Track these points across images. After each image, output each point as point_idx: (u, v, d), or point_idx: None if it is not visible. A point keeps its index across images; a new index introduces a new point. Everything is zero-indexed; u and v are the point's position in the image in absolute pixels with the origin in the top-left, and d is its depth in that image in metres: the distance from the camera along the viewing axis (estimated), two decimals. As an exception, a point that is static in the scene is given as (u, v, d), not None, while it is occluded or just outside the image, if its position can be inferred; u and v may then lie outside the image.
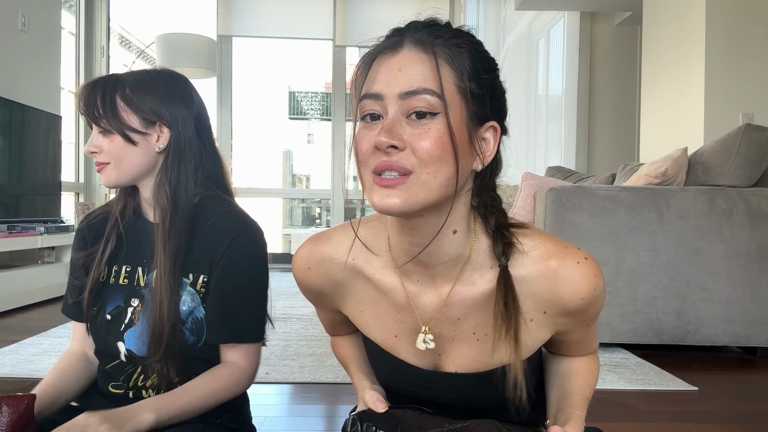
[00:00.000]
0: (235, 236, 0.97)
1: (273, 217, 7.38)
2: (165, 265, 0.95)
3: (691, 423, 1.65)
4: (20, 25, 3.78)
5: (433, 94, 0.59)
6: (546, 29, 5.42)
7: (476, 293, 0.69)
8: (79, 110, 0.99)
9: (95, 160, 0.99)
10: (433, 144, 0.58)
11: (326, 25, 5.37)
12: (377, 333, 0.75)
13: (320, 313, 0.89)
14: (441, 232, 0.64)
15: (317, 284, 0.77)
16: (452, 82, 0.60)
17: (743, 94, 3.23)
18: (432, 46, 0.61)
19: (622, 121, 5.16)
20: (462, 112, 0.61)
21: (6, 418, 0.82)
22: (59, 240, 3.57)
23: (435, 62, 0.59)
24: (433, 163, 0.59)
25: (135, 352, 0.99)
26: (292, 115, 8.98)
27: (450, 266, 0.68)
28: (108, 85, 0.98)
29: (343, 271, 0.74)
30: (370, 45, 0.65)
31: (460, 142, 0.60)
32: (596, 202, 2.37)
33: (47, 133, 3.84)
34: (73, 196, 5.10)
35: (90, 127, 1.01)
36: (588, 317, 0.73)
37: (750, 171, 2.44)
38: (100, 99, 0.96)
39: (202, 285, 0.99)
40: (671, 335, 2.39)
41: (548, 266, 0.67)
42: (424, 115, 0.59)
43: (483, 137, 0.64)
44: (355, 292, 0.75)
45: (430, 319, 0.71)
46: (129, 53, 9.40)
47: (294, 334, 2.67)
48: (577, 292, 0.68)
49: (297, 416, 1.69)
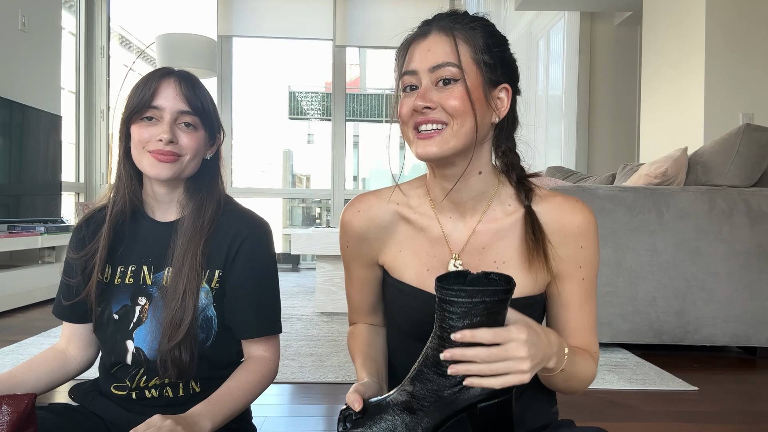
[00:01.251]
0: (249, 233, 1.02)
1: (273, 217, 7.38)
2: (191, 262, 0.98)
3: (691, 423, 1.65)
4: (20, 25, 3.78)
5: (453, 65, 0.77)
6: (546, 29, 5.42)
7: (499, 225, 0.85)
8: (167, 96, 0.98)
9: (164, 148, 0.96)
10: (457, 101, 0.77)
11: (326, 25, 5.37)
12: (412, 269, 0.87)
13: (352, 280, 0.97)
14: (468, 172, 0.82)
15: (363, 227, 0.90)
16: (469, 56, 0.78)
17: (743, 94, 3.23)
18: (452, 30, 0.79)
19: (622, 121, 5.16)
20: (478, 78, 0.78)
21: (6, 418, 0.82)
22: (59, 240, 3.58)
23: (454, 42, 0.78)
24: (459, 115, 0.77)
25: (144, 349, 1.00)
26: (292, 115, 8.98)
27: (477, 201, 0.85)
28: (200, 86, 1.02)
29: (388, 215, 0.90)
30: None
31: (478, 100, 0.78)
32: (596, 202, 2.37)
33: (47, 133, 3.84)
34: (73, 196, 5.10)
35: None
36: (583, 259, 0.84)
37: (750, 171, 2.44)
38: (201, 94, 1.00)
39: (217, 281, 1.01)
40: (671, 335, 2.39)
41: (555, 201, 0.85)
42: (449, 81, 0.77)
43: (498, 96, 0.81)
44: (395, 234, 0.89)
45: (459, 250, 0.86)
46: (129, 53, 9.40)
47: (294, 334, 2.67)
48: (575, 218, 0.84)
49: (297, 416, 1.69)
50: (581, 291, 0.85)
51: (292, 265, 5.53)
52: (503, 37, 0.83)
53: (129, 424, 0.89)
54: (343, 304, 3.26)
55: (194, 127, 0.99)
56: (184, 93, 0.98)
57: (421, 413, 0.67)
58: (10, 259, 3.60)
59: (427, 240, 0.87)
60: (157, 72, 1.00)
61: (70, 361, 1.08)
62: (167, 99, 0.97)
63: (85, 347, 1.10)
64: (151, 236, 1.03)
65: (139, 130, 0.98)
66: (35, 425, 0.86)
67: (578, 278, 0.85)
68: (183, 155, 0.98)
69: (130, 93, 1.00)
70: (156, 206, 1.05)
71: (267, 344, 1.06)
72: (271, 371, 1.04)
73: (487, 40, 0.79)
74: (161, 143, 0.96)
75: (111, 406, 1.03)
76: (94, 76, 5.24)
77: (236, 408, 0.97)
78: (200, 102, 1.00)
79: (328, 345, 2.48)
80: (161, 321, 0.98)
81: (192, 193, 1.03)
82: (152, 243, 1.03)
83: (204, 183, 1.04)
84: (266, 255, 1.04)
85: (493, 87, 0.80)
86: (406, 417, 0.67)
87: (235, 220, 1.04)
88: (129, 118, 0.99)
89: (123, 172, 1.02)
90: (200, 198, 1.02)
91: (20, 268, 3.32)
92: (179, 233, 1.00)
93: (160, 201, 1.04)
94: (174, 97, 0.97)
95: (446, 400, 0.67)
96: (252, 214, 1.07)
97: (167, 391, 1.02)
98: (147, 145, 0.97)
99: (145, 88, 0.98)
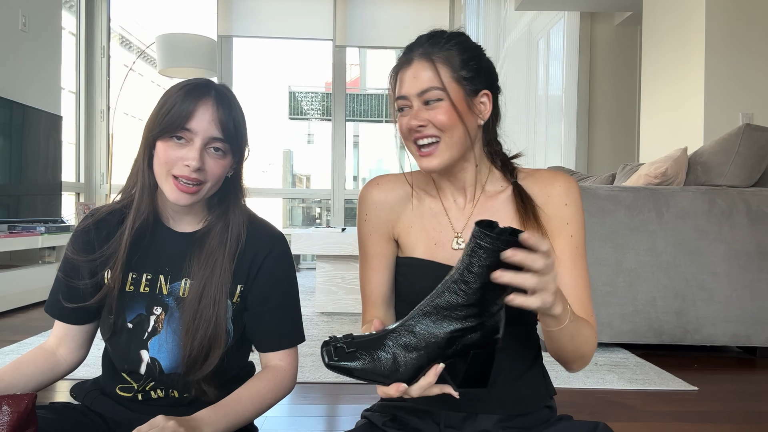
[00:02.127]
0: (272, 248, 1.04)
1: (273, 217, 7.38)
2: (223, 277, 0.98)
3: (691, 423, 1.66)
4: (21, 25, 3.78)
5: (437, 88, 0.89)
6: (546, 29, 5.42)
7: (495, 202, 0.97)
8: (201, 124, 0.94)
9: (191, 175, 0.93)
10: (444, 116, 0.88)
11: (326, 25, 5.37)
12: (422, 243, 0.98)
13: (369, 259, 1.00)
14: (464, 167, 0.95)
15: (382, 198, 1.01)
16: (449, 76, 0.89)
17: (743, 94, 3.23)
18: (431, 55, 0.90)
19: (622, 121, 5.16)
20: (459, 93, 0.90)
21: (6, 418, 0.82)
22: (60, 240, 3.58)
23: (434, 67, 0.89)
24: (448, 128, 0.89)
25: (159, 360, 0.99)
26: (293, 115, 8.97)
27: (476, 186, 0.97)
28: (236, 107, 0.98)
29: (402, 192, 1.01)
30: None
31: (463, 111, 0.89)
32: (596, 202, 2.37)
33: (48, 133, 3.84)
34: (73, 196, 5.10)
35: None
36: (570, 216, 0.93)
37: (750, 171, 2.44)
38: (236, 116, 0.97)
39: (238, 296, 1.01)
40: (671, 335, 2.39)
41: (538, 173, 0.98)
42: (435, 101, 0.89)
43: (480, 102, 0.92)
44: (407, 210, 1.00)
45: (462, 227, 0.97)
46: (129, 53, 9.40)
47: (294, 334, 2.67)
48: (556, 181, 0.95)
49: (297, 416, 1.69)
50: (571, 248, 0.93)
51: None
52: (477, 47, 0.94)
53: (131, 423, 0.88)
54: (343, 304, 3.26)
55: (223, 152, 0.96)
56: (220, 118, 0.94)
57: (418, 352, 0.70)
58: (10, 259, 3.60)
59: (434, 218, 0.98)
60: (195, 89, 0.95)
61: (60, 363, 1.05)
62: (201, 123, 0.93)
63: (78, 349, 1.06)
64: (168, 245, 1.01)
65: (166, 149, 0.94)
66: (35, 425, 0.86)
67: (567, 235, 0.93)
68: (206, 182, 0.95)
69: (163, 105, 0.95)
70: (173, 216, 1.03)
71: (286, 355, 1.05)
72: (285, 382, 1.03)
73: (463, 56, 0.91)
74: (188, 169, 0.92)
75: (113, 406, 1.03)
76: (95, 76, 5.24)
77: (243, 416, 0.96)
78: (233, 125, 0.96)
79: (328, 345, 2.48)
80: (178, 333, 0.97)
81: (212, 206, 1.02)
82: (169, 252, 1.01)
83: (227, 196, 1.02)
84: (288, 268, 1.06)
85: (474, 95, 0.91)
86: (401, 354, 0.70)
87: (257, 235, 1.03)
88: (158, 134, 0.94)
89: (147, 181, 0.98)
90: (223, 211, 1.01)
91: (20, 268, 3.32)
92: (203, 245, 0.99)
93: (177, 212, 1.02)
94: (209, 121, 0.93)
95: (447, 341, 0.70)
96: (271, 228, 1.07)
97: (173, 392, 1.02)
98: (173, 168, 0.93)
99: (182, 107, 0.93)
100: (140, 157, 0.99)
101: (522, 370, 0.94)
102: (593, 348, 0.89)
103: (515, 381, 0.92)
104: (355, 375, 0.71)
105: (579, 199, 0.95)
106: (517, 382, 0.93)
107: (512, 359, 0.92)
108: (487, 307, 0.70)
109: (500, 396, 0.91)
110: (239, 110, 0.99)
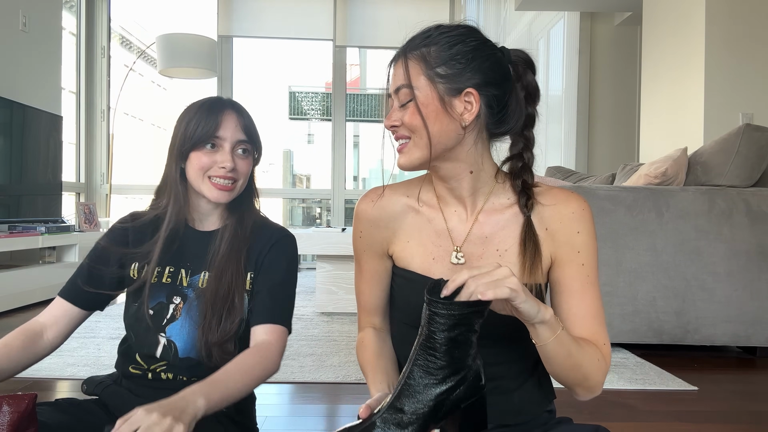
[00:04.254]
0: (279, 238, 1.14)
1: (273, 217, 7.37)
2: (236, 267, 1.09)
3: (691, 423, 1.66)
4: (21, 25, 3.78)
5: (405, 86, 0.86)
6: (546, 29, 5.42)
7: (499, 217, 0.91)
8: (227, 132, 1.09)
9: (227, 174, 1.08)
10: (410, 117, 0.85)
11: (326, 25, 5.37)
12: (419, 258, 0.94)
13: (363, 273, 1.01)
14: (458, 173, 0.90)
15: (376, 216, 0.97)
16: (422, 73, 0.85)
17: (743, 94, 3.23)
18: (405, 53, 0.87)
19: (622, 121, 5.16)
20: (432, 93, 0.84)
21: (6, 418, 0.82)
22: (60, 240, 3.58)
23: (406, 65, 0.86)
24: (416, 130, 0.86)
25: (175, 342, 1.08)
26: (293, 115, 8.96)
27: (475, 196, 0.92)
28: (249, 115, 1.15)
29: (399, 206, 0.97)
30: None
31: (432, 113, 0.84)
32: (596, 202, 2.37)
33: (48, 133, 3.85)
34: (74, 197, 5.10)
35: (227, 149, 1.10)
36: (581, 244, 0.88)
37: (750, 171, 2.44)
38: (252, 123, 1.14)
39: (250, 282, 1.11)
40: (671, 335, 2.39)
41: (551, 193, 0.91)
42: (407, 100, 0.86)
43: (466, 101, 0.85)
44: (404, 225, 0.96)
45: (462, 241, 0.92)
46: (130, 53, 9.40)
47: (294, 334, 2.67)
48: (569, 205, 0.90)
49: (297, 416, 1.69)
50: (581, 277, 0.88)
51: (293, 265, 5.53)
52: (467, 42, 0.85)
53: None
54: (343, 304, 3.26)
55: (248, 152, 1.12)
56: (243, 123, 1.11)
57: (411, 427, 0.72)
58: (10, 259, 3.60)
59: (433, 231, 0.94)
60: (215, 104, 1.10)
61: (44, 345, 1.07)
62: (228, 129, 1.09)
63: (64, 335, 1.10)
64: (191, 243, 1.13)
65: (200, 156, 1.08)
66: (36, 425, 0.86)
67: (577, 263, 0.88)
68: (238, 180, 1.11)
69: (189, 123, 1.09)
70: (197, 217, 1.16)
71: (272, 332, 1.07)
72: (272, 355, 1.05)
73: (448, 51, 0.84)
74: (224, 170, 1.08)
75: (122, 395, 1.06)
76: (95, 76, 5.24)
77: (234, 388, 0.95)
78: (253, 128, 1.14)
79: (328, 345, 2.48)
80: (195, 320, 1.07)
81: (233, 207, 1.15)
82: (191, 249, 1.13)
83: (242, 197, 1.15)
84: (291, 258, 1.15)
85: (455, 94, 0.84)
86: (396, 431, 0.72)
87: (267, 230, 1.16)
88: (192, 146, 1.08)
89: (180, 190, 1.12)
90: (241, 210, 1.15)
91: (20, 268, 3.32)
92: (222, 241, 1.11)
93: (203, 213, 1.15)
94: (234, 128, 1.10)
95: (434, 407, 0.72)
96: (282, 228, 1.19)
97: (181, 377, 1.07)
98: (209, 171, 1.08)
99: (209, 120, 1.08)
100: (171, 170, 1.12)
101: (520, 381, 0.92)
102: (598, 372, 0.84)
103: (513, 392, 0.91)
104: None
105: (591, 225, 0.90)
106: (515, 393, 0.91)
107: (510, 372, 0.91)
108: (462, 362, 0.72)
109: (499, 407, 0.90)
110: (252, 118, 1.16)
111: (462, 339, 0.71)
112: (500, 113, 0.87)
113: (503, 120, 0.88)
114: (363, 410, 0.77)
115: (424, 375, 0.72)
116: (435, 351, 0.71)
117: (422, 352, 0.72)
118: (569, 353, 0.80)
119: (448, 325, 0.70)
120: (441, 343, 0.70)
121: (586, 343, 0.84)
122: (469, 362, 0.73)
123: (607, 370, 0.87)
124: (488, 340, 0.87)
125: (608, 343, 0.88)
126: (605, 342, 0.87)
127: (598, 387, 0.86)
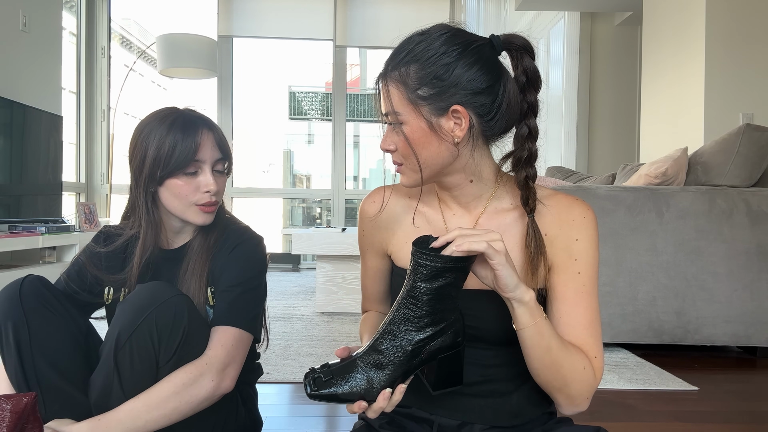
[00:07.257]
0: (241, 242, 1.10)
1: (274, 217, 7.38)
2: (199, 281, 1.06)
3: (691, 423, 1.66)
4: (21, 25, 3.78)
5: (391, 113, 0.84)
6: (546, 29, 5.42)
7: (500, 221, 0.90)
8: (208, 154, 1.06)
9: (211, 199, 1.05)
10: (402, 144, 0.84)
11: (326, 25, 5.37)
12: None
13: (366, 269, 1.04)
14: (458, 183, 0.89)
15: (377, 216, 0.98)
16: (404, 98, 0.82)
17: (743, 94, 3.23)
18: (386, 77, 0.84)
19: (622, 121, 5.16)
20: (418, 117, 0.82)
21: (7, 418, 0.82)
22: (60, 240, 3.58)
23: (387, 91, 0.84)
24: (407, 156, 0.85)
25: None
26: (293, 116, 8.97)
27: (477, 201, 0.91)
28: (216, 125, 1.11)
29: (399, 207, 0.97)
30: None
31: (421, 139, 0.83)
32: (596, 202, 2.37)
33: (48, 133, 3.85)
34: (74, 197, 5.10)
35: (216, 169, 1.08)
36: (579, 251, 0.86)
37: (750, 171, 2.44)
38: (224, 139, 1.10)
39: (212, 297, 1.08)
40: (671, 335, 2.39)
41: (555, 198, 0.89)
42: (397, 124, 0.84)
43: (454, 117, 0.82)
44: (404, 225, 0.96)
45: None
46: (130, 54, 9.40)
47: (294, 334, 2.67)
48: (572, 210, 0.88)
49: (297, 416, 1.69)
50: (576, 285, 0.85)
51: (293, 265, 5.53)
52: (446, 55, 0.80)
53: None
54: (343, 304, 3.27)
55: (225, 169, 1.09)
56: (218, 141, 1.07)
57: (388, 368, 0.76)
58: (10, 259, 3.60)
59: (432, 232, 0.92)
60: (186, 123, 1.04)
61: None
62: (206, 151, 1.05)
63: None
64: (163, 266, 1.11)
65: (178, 185, 1.03)
66: (38, 424, 0.86)
67: (573, 271, 0.85)
68: (220, 197, 1.09)
69: (161, 147, 1.02)
70: (170, 237, 1.13)
71: (220, 338, 1.00)
72: (201, 371, 0.96)
73: (425, 70, 0.80)
74: (208, 194, 1.04)
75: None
76: (95, 76, 5.24)
77: (135, 426, 0.91)
78: (225, 142, 1.09)
79: (329, 345, 2.48)
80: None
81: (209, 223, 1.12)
82: (163, 273, 1.10)
83: (221, 213, 1.13)
84: (252, 258, 1.09)
85: (442, 113, 0.81)
86: (373, 372, 0.76)
87: (230, 236, 1.11)
88: (169, 173, 1.02)
89: (153, 218, 1.07)
90: (214, 225, 1.11)
91: (21, 268, 3.32)
92: (188, 256, 1.09)
93: (175, 232, 1.12)
94: (212, 147, 1.06)
95: (411, 352, 0.76)
96: (249, 230, 1.14)
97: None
98: (194, 198, 1.04)
99: (185, 143, 1.02)
100: (141, 196, 1.06)
101: (518, 383, 0.91)
102: (582, 381, 0.82)
103: (511, 394, 0.90)
104: (336, 399, 0.76)
105: (593, 233, 0.87)
106: (513, 395, 0.91)
107: (508, 375, 0.90)
108: (441, 315, 0.76)
109: (497, 409, 0.90)
110: (220, 128, 1.12)
111: (444, 292, 0.75)
112: (494, 116, 0.83)
113: (498, 122, 0.84)
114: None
115: (405, 322, 0.76)
116: (417, 300, 0.75)
117: (405, 301, 0.76)
118: (549, 347, 0.79)
119: (430, 276, 0.73)
120: (422, 293, 0.74)
121: (574, 348, 0.83)
122: (449, 317, 0.77)
123: (596, 385, 0.84)
124: (487, 342, 0.89)
125: (601, 357, 0.85)
126: (597, 355, 0.84)
127: (580, 398, 0.83)
